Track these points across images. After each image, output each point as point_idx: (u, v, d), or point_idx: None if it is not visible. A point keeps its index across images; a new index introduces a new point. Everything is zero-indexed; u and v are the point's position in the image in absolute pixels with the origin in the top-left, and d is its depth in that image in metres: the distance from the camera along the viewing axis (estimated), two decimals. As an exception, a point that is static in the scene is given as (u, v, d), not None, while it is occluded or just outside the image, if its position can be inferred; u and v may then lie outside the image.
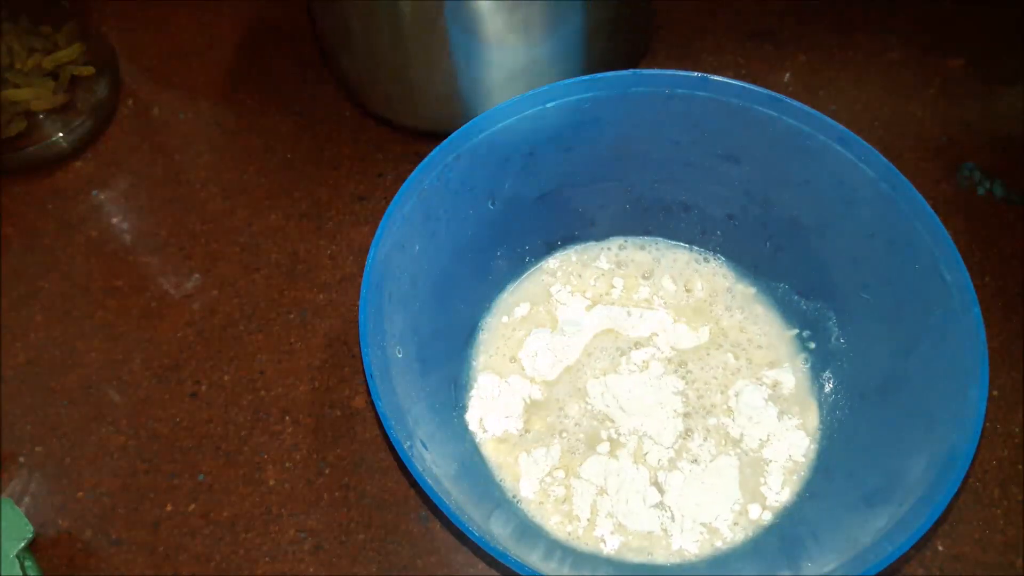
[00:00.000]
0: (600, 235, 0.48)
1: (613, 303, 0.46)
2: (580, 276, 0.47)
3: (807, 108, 0.39)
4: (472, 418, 0.43)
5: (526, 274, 0.47)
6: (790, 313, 0.45)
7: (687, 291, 0.46)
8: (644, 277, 0.47)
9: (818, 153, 0.39)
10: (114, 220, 0.52)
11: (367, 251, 0.37)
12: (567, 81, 0.40)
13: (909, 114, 0.55)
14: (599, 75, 0.40)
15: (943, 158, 0.53)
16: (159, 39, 0.46)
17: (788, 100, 0.39)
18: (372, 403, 0.39)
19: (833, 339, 0.43)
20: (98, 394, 0.46)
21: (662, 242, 0.48)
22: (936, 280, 0.36)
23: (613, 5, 0.47)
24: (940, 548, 0.41)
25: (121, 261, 0.51)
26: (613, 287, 0.47)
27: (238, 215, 0.52)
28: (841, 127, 0.38)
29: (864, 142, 0.38)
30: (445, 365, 0.43)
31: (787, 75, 0.57)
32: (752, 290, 0.46)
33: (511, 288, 0.47)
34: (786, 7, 0.60)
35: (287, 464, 0.44)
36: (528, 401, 0.43)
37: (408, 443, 0.34)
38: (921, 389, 0.37)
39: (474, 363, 0.45)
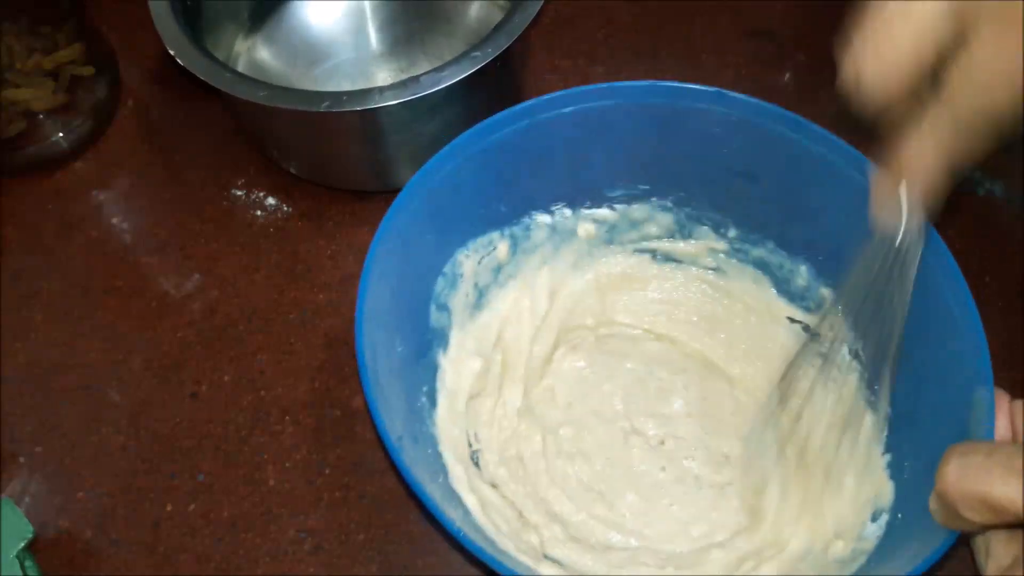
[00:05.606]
0: None
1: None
2: None
3: (826, 133, 0.38)
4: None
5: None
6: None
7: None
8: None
9: (837, 179, 0.38)
10: (114, 220, 0.52)
11: (367, 251, 0.37)
12: (583, 88, 0.40)
13: (909, 114, 0.55)
14: (616, 84, 0.40)
15: (943, 158, 0.53)
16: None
17: (808, 123, 0.38)
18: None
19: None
20: (98, 394, 0.46)
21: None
22: (946, 315, 0.35)
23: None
24: (940, 548, 0.41)
25: (121, 261, 0.51)
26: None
27: (238, 215, 0.52)
28: (862, 155, 0.37)
29: None
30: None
31: (787, 75, 0.57)
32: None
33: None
34: (786, 7, 0.60)
35: (287, 464, 0.44)
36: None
37: (398, 439, 0.34)
38: (929, 421, 0.36)
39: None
